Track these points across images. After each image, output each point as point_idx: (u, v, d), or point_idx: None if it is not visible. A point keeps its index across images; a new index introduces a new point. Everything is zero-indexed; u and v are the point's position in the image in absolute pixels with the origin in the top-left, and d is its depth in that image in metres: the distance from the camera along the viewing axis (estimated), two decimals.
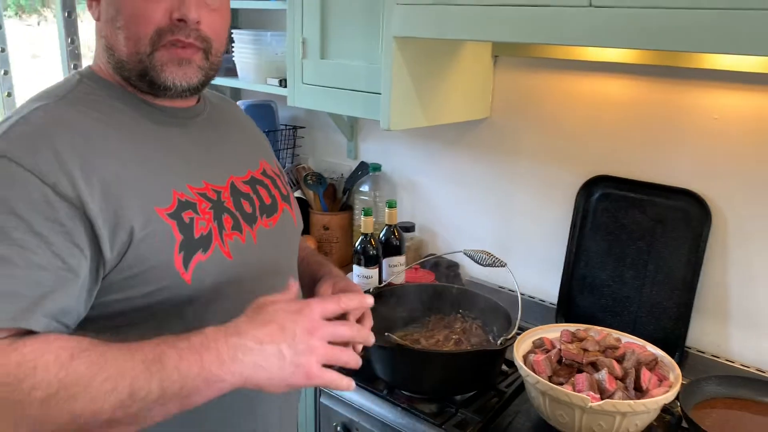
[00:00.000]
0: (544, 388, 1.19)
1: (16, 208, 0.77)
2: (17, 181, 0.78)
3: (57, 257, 0.79)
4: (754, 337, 1.47)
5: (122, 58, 0.91)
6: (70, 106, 0.89)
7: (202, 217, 0.92)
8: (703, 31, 1.00)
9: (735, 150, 1.43)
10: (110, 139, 0.87)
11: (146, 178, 0.88)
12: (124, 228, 0.84)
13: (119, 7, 0.89)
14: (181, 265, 0.88)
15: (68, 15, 2.34)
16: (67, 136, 0.83)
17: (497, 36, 1.29)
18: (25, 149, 0.80)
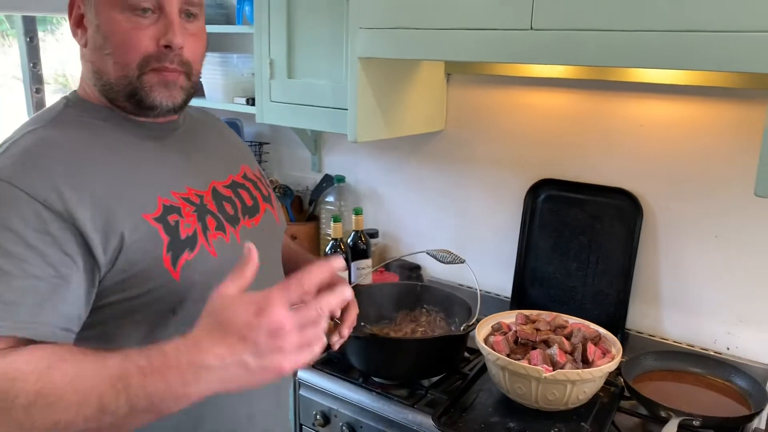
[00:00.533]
0: (503, 364, 1.34)
1: (10, 224, 0.83)
2: (11, 199, 0.84)
3: (50, 266, 0.84)
4: (683, 317, 1.66)
5: (111, 81, 0.97)
6: (57, 129, 0.95)
7: (186, 220, 0.97)
8: (625, 49, 1.17)
9: (659, 152, 1.63)
10: (97, 155, 0.94)
11: (133, 187, 0.94)
12: (115, 234, 0.89)
13: (108, 35, 0.95)
14: (170, 265, 0.93)
15: (30, 40, 2.38)
16: (56, 155, 0.90)
17: (451, 55, 1.44)
18: (16, 170, 0.87)
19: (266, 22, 1.84)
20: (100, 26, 0.95)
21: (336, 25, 1.71)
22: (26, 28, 2.33)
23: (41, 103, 2.38)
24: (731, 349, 1.61)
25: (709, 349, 1.63)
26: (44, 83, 2.44)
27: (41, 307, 0.84)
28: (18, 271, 0.83)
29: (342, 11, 1.67)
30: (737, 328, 1.59)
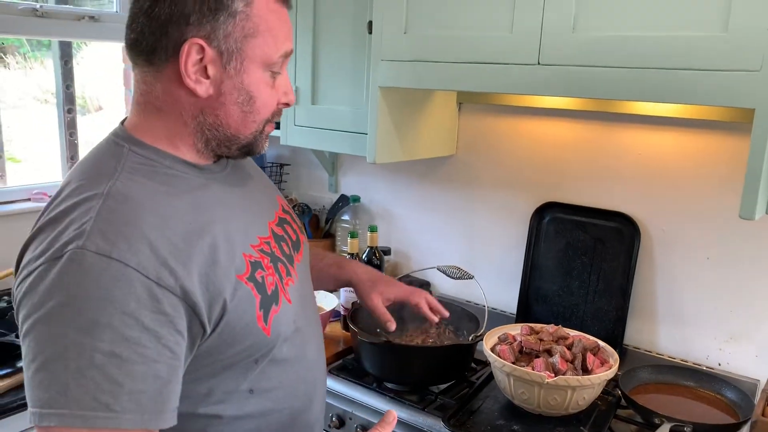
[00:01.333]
0: (509, 370, 1.45)
1: (125, 307, 0.78)
2: (121, 279, 0.79)
3: (166, 348, 0.81)
4: (678, 333, 1.77)
5: (234, 134, 0.95)
6: (131, 182, 0.87)
7: (267, 273, 0.97)
8: (625, 84, 1.30)
9: (656, 179, 1.75)
10: (181, 214, 0.88)
11: (222, 249, 0.90)
12: (219, 301, 0.87)
13: (253, 95, 0.93)
14: (262, 322, 0.94)
15: (65, 63, 2.53)
16: (150, 221, 0.84)
17: (464, 86, 1.56)
18: (119, 243, 0.80)
19: (293, 53, 1.99)
20: (245, 84, 0.92)
21: (358, 56, 1.86)
22: (62, 51, 2.48)
23: (72, 123, 2.51)
24: (722, 364, 1.71)
25: (702, 364, 1.73)
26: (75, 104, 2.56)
27: (162, 393, 0.81)
28: (137, 357, 0.79)
29: (364, 44, 1.82)
30: (728, 344, 1.70)
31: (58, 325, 0.77)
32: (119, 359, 0.77)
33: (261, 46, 0.91)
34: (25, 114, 2.88)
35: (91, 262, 0.78)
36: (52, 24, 2.23)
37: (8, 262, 1.87)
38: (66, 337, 0.76)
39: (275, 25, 0.92)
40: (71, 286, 0.78)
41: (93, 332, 0.77)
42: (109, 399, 0.76)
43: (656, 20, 1.25)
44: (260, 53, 0.91)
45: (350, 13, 1.86)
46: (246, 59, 0.91)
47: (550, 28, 1.37)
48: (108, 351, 0.77)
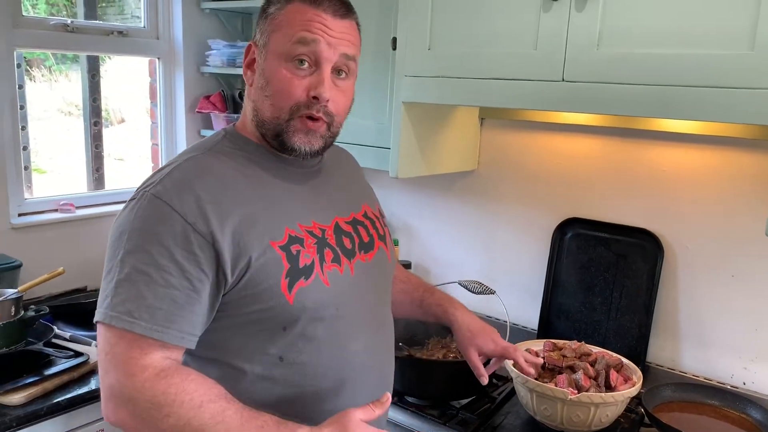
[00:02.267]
0: (531, 386, 1.44)
1: (163, 240, 0.98)
2: (167, 219, 0.99)
3: (188, 280, 0.99)
4: (701, 351, 1.76)
5: (264, 120, 1.10)
6: (213, 157, 1.09)
7: (306, 250, 1.08)
8: (649, 101, 1.31)
9: (680, 196, 1.74)
10: (241, 186, 1.07)
11: (266, 217, 1.06)
12: (245, 257, 1.02)
13: (270, 80, 1.08)
14: (286, 289, 1.04)
15: (92, 77, 2.58)
16: (208, 184, 1.03)
17: (487, 102, 1.58)
18: (175, 194, 1.01)
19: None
20: (265, 71, 1.09)
21: (381, 72, 1.88)
22: (90, 65, 2.53)
23: (98, 136, 2.56)
24: (747, 383, 1.69)
25: (726, 383, 1.71)
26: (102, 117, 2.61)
27: (175, 314, 0.98)
28: (162, 281, 0.97)
29: (388, 60, 1.84)
30: (753, 363, 1.68)
31: (117, 248, 1.00)
32: (148, 278, 0.97)
33: (279, 38, 1.08)
34: (50, 126, 2.93)
35: (149, 202, 1.01)
36: (83, 39, 2.29)
37: (37, 270, 1.91)
38: (116, 256, 0.99)
39: (294, 19, 1.07)
40: (130, 219, 1.01)
41: (135, 254, 0.98)
42: (131, 306, 0.96)
43: (681, 38, 1.25)
44: (278, 45, 1.08)
45: (374, 30, 1.88)
46: (269, 51, 1.09)
47: (575, 44, 1.38)
48: (142, 270, 0.97)
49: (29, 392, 1.53)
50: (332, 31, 1.07)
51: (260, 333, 1.06)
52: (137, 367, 0.95)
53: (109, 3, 2.67)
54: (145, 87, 2.69)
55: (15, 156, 2.16)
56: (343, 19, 1.09)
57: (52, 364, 1.65)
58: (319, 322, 1.09)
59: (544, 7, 1.42)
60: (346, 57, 1.10)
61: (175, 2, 2.51)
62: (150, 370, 0.96)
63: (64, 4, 2.66)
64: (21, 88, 2.23)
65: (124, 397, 0.95)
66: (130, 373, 0.95)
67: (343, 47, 1.09)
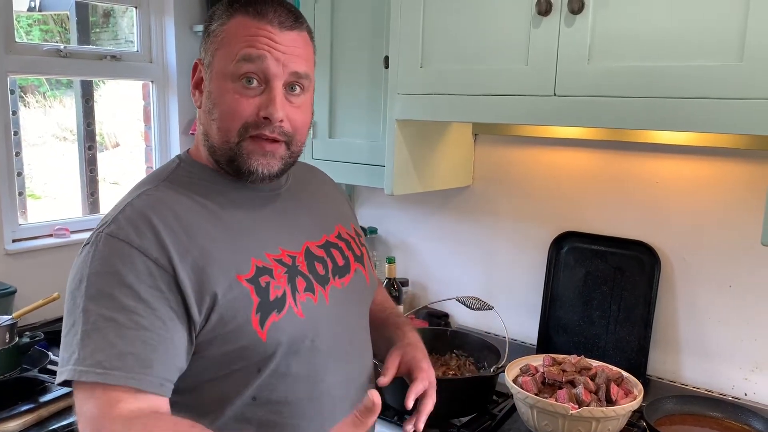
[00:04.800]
0: (532, 402, 1.43)
1: (126, 280, 0.90)
2: (127, 257, 0.92)
3: (159, 320, 0.91)
4: (701, 363, 1.75)
5: (215, 145, 1.03)
6: (169, 189, 1.02)
7: (276, 281, 1.01)
8: (640, 114, 1.31)
9: (674, 207, 1.75)
10: (199, 217, 0.99)
11: (230, 249, 0.99)
12: (209, 294, 0.94)
13: (216, 102, 1.01)
14: (258, 325, 0.97)
15: (86, 101, 2.58)
16: (165, 218, 0.96)
17: (481, 118, 1.58)
18: (132, 230, 0.94)
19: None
20: (211, 93, 1.02)
21: (374, 90, 1.89)
22: (84, 90, 2.54)
23: (93, 160, 2.56)
24: (749, 394, 1.68)
25: (727, 394, 1.71)
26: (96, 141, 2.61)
27: (150, 358, 0.89)
28: (131, 323, 0.89)
29: (380, 79, 1.85)
30: (754, 374, 1.67)
31: (77, 297, 0.92)
32: (116, 323, 0.89)
33: (223, 56, 1.01)
34: (45, 152, 2.94)
35: (104, 243, 0.94)
36: (76, 64, 2.29)
37: (32, 296, 1.89)
38: (78, 307, 0.91)
39: (237, 34, 1.00)
40: (87, 264, 0.93)
41: (98, 300, 0.90)
42: (102, 357, 0.88)
43: (671, 50, 1.26)
44: (222, 63, 1.01)
45: (367, 49, 1.90)
46: (214, 71, 1.02)
47: (566, 59, 1.39)
48: (108, 316, 0.89)
49: (24, 420, 1.51)
50: (280, 45, 0.99)
51: (233, 375, 0.99)
52: (108, 421, 0.86)
53: (102, 28, 2.69)
54: (139, 110, 2.69)
55: (9, 182, 2.15)
56: (291, 31, 1.01)
57: (48, 391, 1.63)
58: (294, 356, 1.02)
59: (534, 23, 1.43)
60: (298, 72, 1.02)
61: (167, 26, 2.53)
62: (118, 421, 0.86)
63: (58, 30, 2.68)
64: (15, 114, 2.23)
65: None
66: (101, 430, 0.86)
67: (293, 64, 1.01)
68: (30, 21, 2.72)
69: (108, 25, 2.72)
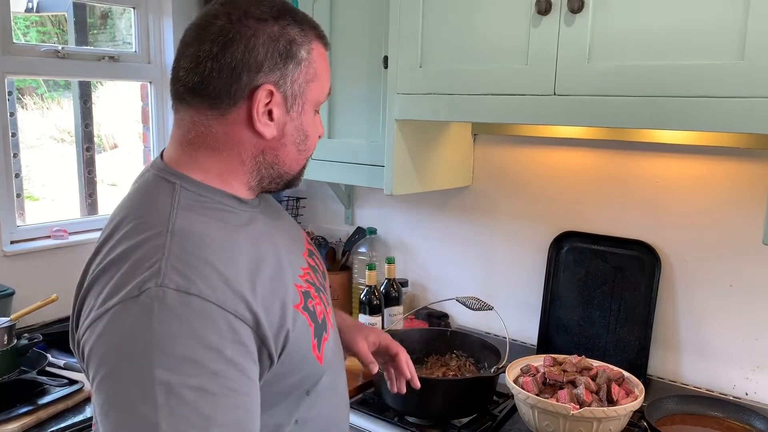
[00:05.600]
0: (533, 402, 1.43)
1: (209, 341, 0.78)
2: (203, 314, 0.79)
3: (249, 379, 0.82)
4: (702, 363, 1.74)
5: (288, 171, 0.98)
6: (189, 219, 0.88)
7: (316, 302, 0.99)
8: (640, 113, 1.31)
9: (675, 206, 1.74)
10: (241, 246, 0.89)
11: (277, 279, 0.91)
12: (283, 332, 0.89)
13: (309, 135, 0.97)
14: (317, 350, 0.96)
15: (84, 102, 2.58)
16: (221, 257, 0.85)
17: (480, 118, 1.58)
18: (199, 280, 0.81)
19: None
20: (303, 125, 0.96)
21: (373, 90, 1.88)
22: (82, 91, 2.53)
23: (91, 161, 2.55)
24: (750, 394, 1.68)
25: (729, 394, 1.70)
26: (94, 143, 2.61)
27: (250, 423, 0.81)
28: (225, 390, 0.78)
29: (379, 78, 1.84)
30: (755, 373, 1.67)
31: (145, 367, 0.76)
32: (208, 393, 0.77)
33: (316, 89, 0.96)
34: (43, 153, 2.94)
35: (172, 299, 0.79)
36: (74, 65, 2.28)
37: (30, 298, 1.89)
38: (153, 376, 0.75)
39: (324, 66, 0.98)
40: (155, 325, 0.77)
41: (181, 369, 0.76)
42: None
43: (672, 49, 1.26)
44: (315, 95, 0.97)
45: (365, 49, 1.89)
46: (306, 102, 0.95)
47: (566, 58, 1.39)
48: (197, 386, 0.76)
49: (23, 422, 1.50)
50: None
51: (285, 403, 0.95)
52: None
53: (99, 30, 2.68)
54: (137, 111, 2.69)
55: (7, 183, 2.14)
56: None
57: (46, 393, 1.62)
58: (330, 373, 1.02)
59: (534, 22, 1.42)
60: None
61: (166, 26, 2.52)
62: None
63: (55, 31, 2.67)
64: (13, 116, 2.23)
65: None
66: None
67: None
68: (27, 22, 2.71)
69: (105, 26, 2.71)
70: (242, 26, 0.89)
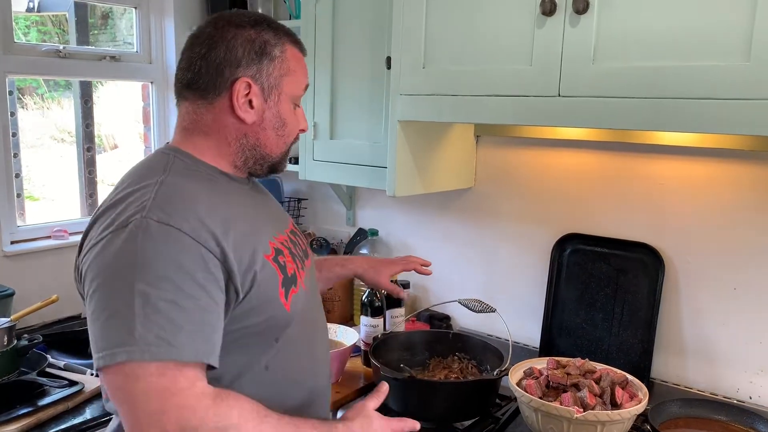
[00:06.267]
0: (536, 405, 1.42)
1: (182, 264, 0.96)
2: (179, 242, 0.97)
3: (213, 301, 0.99)
4: (706, 366, 1.73)
5: (269, 154, 1.17)
6: (184, 178, 1.07)
7: (288, 260, 1.16)
8: (645, 114, 1.30)
9: (678, 209, 1.73)
10: (224, 204, 1.08)
11: (254, 232, 1.10)
12: (250, 273, 1.05)
13: (286, 122, 1.17)
14: (284, 298, 1.11)
15: (85, 102, 2.57)
16: (200, 203, 1.03)
17: (483, 119, 1.57)
18: (178, 216, 0.99)
19: (311, 89, 2.02)
20: (280, 113, 1.16)
21: (376, 91, 1.87)
22: (83, 91, 2.53)
23: (91, 161, 2.54)
24: (753, 397, 1.67)
25: (732, 397, 1.69)
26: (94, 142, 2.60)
27: (212, 338, 0.98)
28: (192, 305, 0.95)
29: (382, 79, 1.84)
30: (759, 377, 1.66)
31: (127, 280, 0.93)
32: (179, 307, 0.94)
33: (291, 83, 1.16)
34: (43, 153, 2.93)
35: (154, 228, 0.97)
36: (75, 65, 2.28)
37: (31, 298, 1.88)
38: (134, 289, 0.93)
39: (299, 66, 1.18)
40: (138, 248, 0.95)
41: (157, 284, 0.93)
42: (169, 336, 0.92)
43: (677, 50, 1.25)
44: (290, 89, 1.16)
45: (368, 49, 1.89)
46: (282, 93, 1.15)
47: (570, 59, 1.38)
48: (170, 299, 0.93)
49: (23, 423, 1.49)
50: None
51: (253, 346, 1.10)
52: (193, 398, 0.92)
53: (100, 30, 2.67)
54: (138, 112, 2.68)
55: (7, 183, 2.14)
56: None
57: (46, 394, 1.61)
58: (301, 326, 1.17)
59: (538, 23, 1.42)
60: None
61: (167, 26, 2.52)
62: (206, 398, 0.93)
63: (56, 31, 2.66)
64: (13, 116, 2.22)
65: (186, 430, 0.91)
66: (188, 406, 0.91)
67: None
68: (28, 22, 2.70)
69: (106, 26, 2.70)
70: (225, 31, 1.11)
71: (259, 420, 0.97)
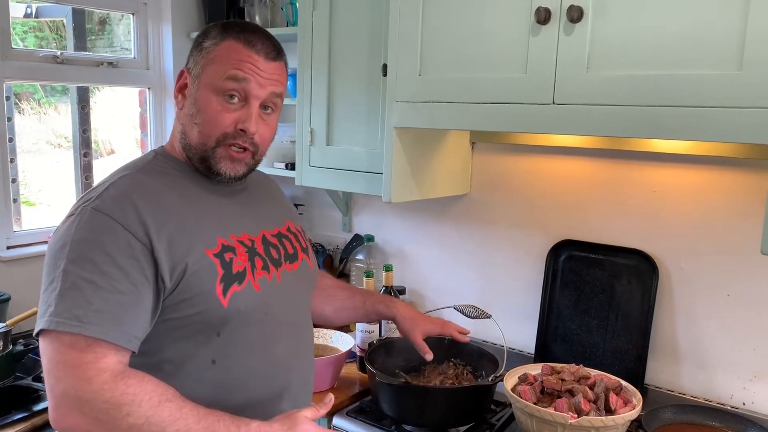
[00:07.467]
0: (531, 411, 1.42)
1: (106, 248, 1.04)
2: (109, 229, 1.06)
3: (133, 285, 1.05)
4: (700, 372, 1.74)
5: (191, 144, 1.19)
6: (146, 175, 1.17)
7: (238, 258, 1.18)
8: (639, 122, 1.31)
9: (672, 216, 1.75)
10: (174, 200, 1.15)
11: (200, 227, 1.15)
12: (181, 264, 1.09)
13: (201, 109, 1.17)
14: (221, 293, 1.13)
15: (82, 108, 2.57)
16: (144, 197, 1.11)
17: (478, 126, 1.58)
18: (115, 206, 1.08)
19: (308, 96, 2.03)
20: (197, 100, 1.18)
21: (372, 98, 1.88)
22: (80, 97, 2.53)
23: (88, 167, 2.55)
24: (747, 404, 1.68)
25: (726, 403, 1.70)
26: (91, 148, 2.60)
27: (124, 318, 1.04)
28: (108, 286, 1.03)
29: (378, 86, 1.85)
30: (752, 383, 1.67)
31: (56, 260, 1.05)
32: (95, 285, 1.02)
33: (213, 71, 1.16)
34: (40, 158, 2.93)
35: (89, 215, 1.07)
36: (72, 70, 2.29)
37: (26, 303, 1.88)
38: (58, 267, 1.04)
39: (228, 56, 1.16)
40: (71, 232, 1.06)
41: (78, 263, 1.03)
42: (79, 312, 1.01)
43: (671, 58, 1.27)
44: (210, 77, 1.16)
45: (365, 56, 1.90)
46: (201, 82, 1.18)
47: (565, 67, 1.39)
48: (89, 279, 1.02)
49: (18, 429, 1.49)
50: (263, 72, 1.17)
51: (194, 337, 1.13)
52: (94, 371, 0.99)
53: (97, 36, 2.68)
54: (134, 117, 2.68)
55: (4, 188, 2.14)
56: (273, 61, 1.19)
57: (41, 400, 1.61)
58: (251, 325, 1.18)
59: (533, 31, 1.43)
60: (274, 95, 1.20)
61: (165, 33, 2.53)
62: (107, 373, 1.00)
63: (53, 37, 2.67)
64: (10, 121, 2.22)
65: (80, 401, 0.99)
66: (86, 378, 0.99)
67: (272, 87, 1.19)
68: (25, 28, 2.71)
69: (104, 32, 2.71)
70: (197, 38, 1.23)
71: (158, 402, 1.00)
